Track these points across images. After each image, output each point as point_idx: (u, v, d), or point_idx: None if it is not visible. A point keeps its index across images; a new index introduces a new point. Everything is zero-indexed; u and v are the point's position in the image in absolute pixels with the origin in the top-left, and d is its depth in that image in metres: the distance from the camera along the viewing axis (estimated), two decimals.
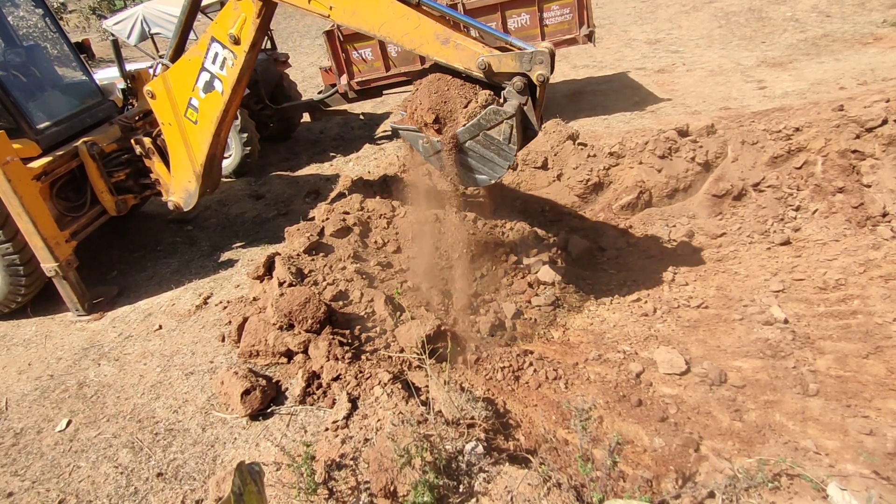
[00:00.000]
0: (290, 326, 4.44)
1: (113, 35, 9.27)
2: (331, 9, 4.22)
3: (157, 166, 6.15)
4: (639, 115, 8.49)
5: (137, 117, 6.66)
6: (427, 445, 3.10)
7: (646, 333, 4.94)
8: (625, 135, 7.12)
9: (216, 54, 4.96)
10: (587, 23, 7.87)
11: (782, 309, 4.89)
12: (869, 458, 3.52)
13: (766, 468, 3.30)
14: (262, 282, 5.23)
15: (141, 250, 7.14)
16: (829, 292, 5.04)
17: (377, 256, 5.33)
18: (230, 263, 6.50)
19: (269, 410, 4.07)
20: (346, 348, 4.24)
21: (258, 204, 8.05)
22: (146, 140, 6.07)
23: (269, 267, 5.19)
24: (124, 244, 7.32)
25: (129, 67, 7.07)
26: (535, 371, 4.44)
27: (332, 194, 6.40)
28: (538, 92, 3.82)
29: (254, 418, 4.03)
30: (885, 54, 9.06)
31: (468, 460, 3.22)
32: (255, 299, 5.20)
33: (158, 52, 10.07)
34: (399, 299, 4.72)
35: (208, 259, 6.70)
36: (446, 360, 4.06)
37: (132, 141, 6.15)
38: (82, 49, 6.79)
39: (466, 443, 3.31)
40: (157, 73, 5.45)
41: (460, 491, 3.09)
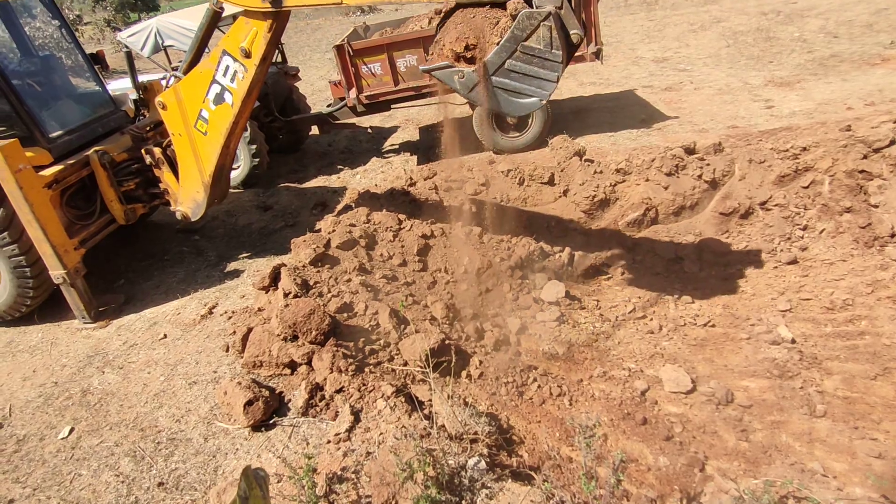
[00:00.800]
0: (295, 337, 4.44)
1: (127, 47, 9.44)
2: None
3: (167, 176, 6.21)
4: (645, 132, 8.52)
5: (148, 128, 6.74)
6: (429, 460, 3.08)
7: (651, 351, 4.91)
8: (631, 152, 7.14)
9: (227, 67, 5.05)
10: (595, 40, 7.93)
11: (789, 328, 4.85)
12: (878, 481, 3.46)
13: (772, 490, 3.26)
14: (267, 292, 5.25)
15: (148, 259, 7.19)
16: (836, 312, 5.00)
17: (382, 269, 5.34)
18: (236, 274, 6.53)
19: (271, 421, 4.06)
20: (350, 360, 4.23)
21: (265, 215, 8.09)
22: (156, 150, 6.13)
23: (275, 278, 5.21)
24: (132, 253, 7.36)
25: (142, 79, 7.17)
26: (539, 387, 4.42)
27: (339, 206, 6.43)
28: None
29: (256, 429, 4.01)
30: (892, 75, 9.08)
31: (471, 476, 3.19)
32: (259, 310, 5.21)
33: (171, 64, 10.21)
34: (404, 312, 4.72)
35: (215, 269, 6.73)
36: (450, 375, 4.04)
37: (142, 151, 6.22)
38: (97, 60, 6.90)
39: (469, 458, 3.28)
40: (169, 84, 5.53)
41: None
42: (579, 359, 4.91)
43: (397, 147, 10.07)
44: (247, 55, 4.90)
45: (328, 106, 9.58)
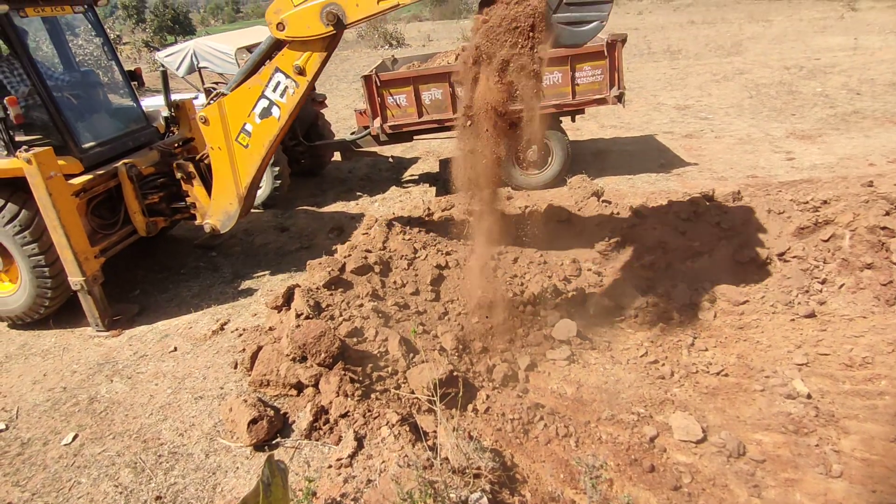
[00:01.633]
0: (304, 359, 4.44)
1: (163, 66, 9.78)
2: None
3: (196, 190, 6.40)
4: (664, 176, 8.55)
5: (176, 144, 6.93)
6: (431, 492, 3.03)
7: (662, 397, 4.81)
8: (649, 195, 7.16)
9: (278, 83, 5.33)
10: (618, 84, 8.05)
11: (805, 383, 4.74)
12: None
13: None
14: (279, 312, 5.27)
15: (165, 272, 7.28)
16: (855, 370, 4.88)
17: (395, 296, 5.35)
18: (250, 292, 6.58)
19: (274, 442, 4.03)
20: (357, 385, 4.21)
21: (282, 236, 8.19)
22: (188, 164, 6.32)
23: (288, 298, 5.24)
24: (149, 265, 7.47)
25: (174, 97, 7.41)
26: (545, 426, 4.34)
27: (356, 232, 6.50)
28: None
29: (258, 448, 3.98)
30: None
31: None
32: (270, 329, 5.23)
33: (203, 84, 10.54)
34: (414, 341, 4.71)
35: (229, 286, 6.80)
36: (456, 407, 4.00)
37: (174, 165, 6.41)
38: (134, 77, 7.15)
39: (471, 493, 3.22)
40: (211, 102, 5.80)
41: None
42: (588, 400, 4.82)
43: (416, 178, 10.20)
44: (300, 72, 5.17)
45: (352, 133, 9.78)
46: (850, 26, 19.92)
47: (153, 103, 9.01)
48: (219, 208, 6.29)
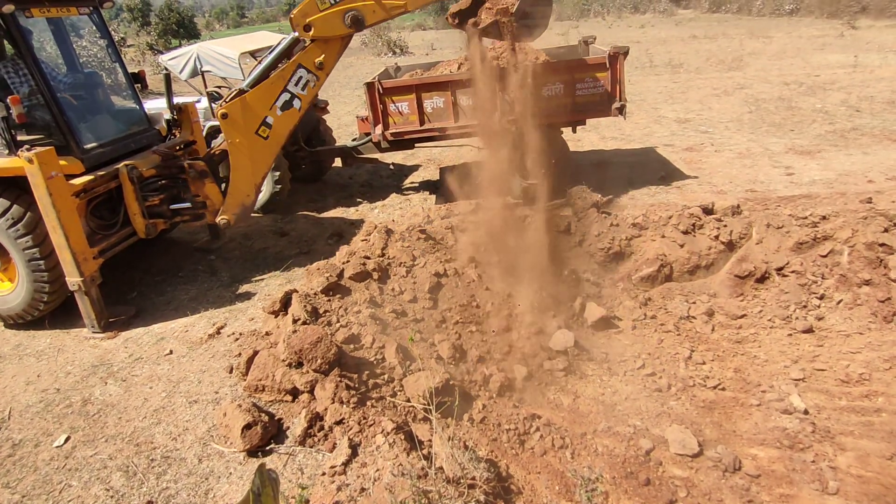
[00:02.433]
0: (299, 364, 4.42)
1: (167, 69, 9.80)
2: None
3: (209, 188, 6.56)
4: (664, 189, 8.57)
5: (178, 147, 6.94)
6: (425, 501, 3.01)
7: (658, 410, 4.80)
8: (649, 207, 7.16)
9: (300, 77, 6.13)
10: (619, 96, 8.08)
11: (802, 398, 4.73)
12: None
13: None
14: (276, 317, 5.26)
15: (162, 275, 7.26)
16: (851, 386, 4.87)
17: (393, 304, 5.34)
18: (247, 296, 6.56)
19: (268, 448, 4.01)
20: (353, 392, 4.19)
21: (281, 241, 8.19)
22: (199, 164, 6.39)
23: (286, 303, 5.23)
24: (147, 267, 7.45)
25: (176, 100, 7.43)
26: (541, 437, 4.32)
27: (355, 238, 6.50)
28: None
29: (252, 454, 3.96)
30: None
31: None
32: (267, 334, 5.21)
33: (206, 88, 10.57)
34: (411, 348, 4.69)
35: (226, 289, 6.78)
36: (452, 416, 3.98)
37: (185, 165, 6.46)
38: (137, 79, 7.17)
39: (466, 503, 3.20)
40: (218, 104, 6.39)
41: None
42: (584, 411, 4.81)
43: (417, 185, 10.22)
44: (320, 67, 6.07)
45: (353, 140, 9.79)
46: (850, 44, 20.05)
47: (156, 106, 9.04)
48: (235, 202, 6.61)
